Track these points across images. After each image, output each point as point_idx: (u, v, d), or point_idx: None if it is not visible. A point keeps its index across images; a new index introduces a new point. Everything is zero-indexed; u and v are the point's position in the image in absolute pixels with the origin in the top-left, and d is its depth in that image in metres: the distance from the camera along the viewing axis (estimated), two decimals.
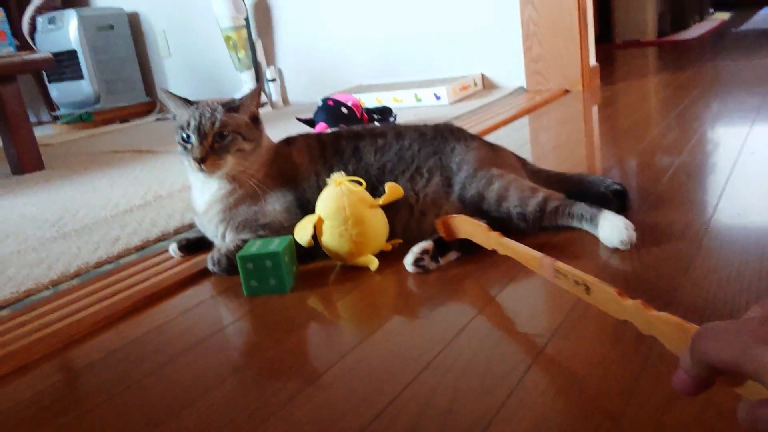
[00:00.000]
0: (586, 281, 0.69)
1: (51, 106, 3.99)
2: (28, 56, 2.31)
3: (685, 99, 2.08)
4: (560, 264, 0.75)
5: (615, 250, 0.98)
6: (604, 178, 1.22)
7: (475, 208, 1.09)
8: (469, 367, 0.72)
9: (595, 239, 1.02)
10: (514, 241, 0.87)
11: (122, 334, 0.94)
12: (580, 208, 1.05)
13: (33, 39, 3.70)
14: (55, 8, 3.74)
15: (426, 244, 1.02)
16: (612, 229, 0.99)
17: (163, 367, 0.82)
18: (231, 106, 1.10)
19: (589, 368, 0.69)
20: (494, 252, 0.95)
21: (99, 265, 1.20)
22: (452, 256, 1.03)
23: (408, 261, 1.01)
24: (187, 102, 1.12)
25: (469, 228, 0.99)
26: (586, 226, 1.04)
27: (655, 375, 0.65)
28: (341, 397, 0.70)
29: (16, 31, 3.57)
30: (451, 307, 0.88)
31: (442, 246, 1.03)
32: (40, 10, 3.70)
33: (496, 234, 0.92)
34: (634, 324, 0.62)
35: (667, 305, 0.79)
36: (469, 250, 1.04)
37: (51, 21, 3.57)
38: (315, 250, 1.07)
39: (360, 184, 1.05)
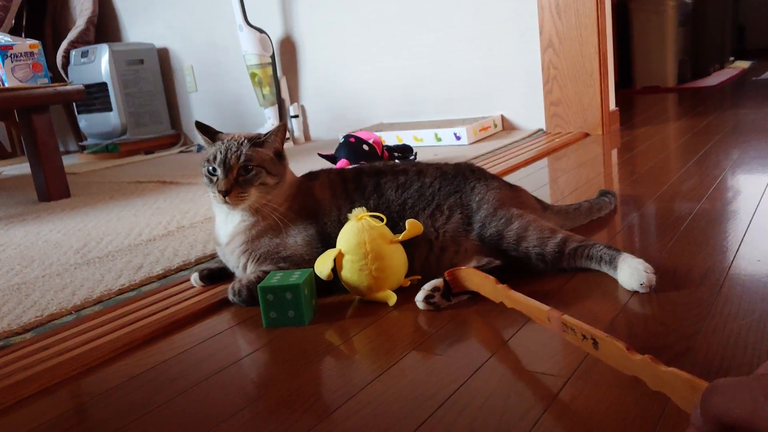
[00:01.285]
0: (595, 336, 0.68)
1: (79, 136, 4.09)
2: (61, 87, 2.38)
3: (705, 145, 2.08)
4: (568, 318, 0.75)
5: (634, 293, 0.98)
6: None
7: (494, 247, 1.10)
8: (485, 406, 0.72)
9: (614, 281, 1.02)
10: (522, 295, 0.88)
11: (142, 362, 0.95)
12: (599, 250, 1.05)
13: (66, 71, 3.82)
14: (89, 42, 3.88)
15: (437, 281, 1.03)
16: (631, 271, 0.99)
17: (181, 395, 0.83)
18: (256, 141, 1.12)
19: (607, 413, 0.68)
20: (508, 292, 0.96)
21: (121, 292, 1.22)
22: (464, 296, 1.03)
23: (419, 298, 1.02)
24: (215, 134, 1.16)
25: (476, 280, 0.99)
26: (605, 269, 1.04)
27: (675, 421, 0.65)
28: None
29: (50, 64, 3.69)
30: (468, 344, 0.88)
31: None
32: (74, 44, 3.83)
33: (503, 287, 0.92)
34: (644, 380, 0.61)
35: (687, 351, 0.79)
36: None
37: (84, 54, 3.70)
38: (334, 283, 1.08)
39: (381, 219, 1.07)
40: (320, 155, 2.14)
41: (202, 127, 1.16)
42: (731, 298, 0.92)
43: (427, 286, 1.02)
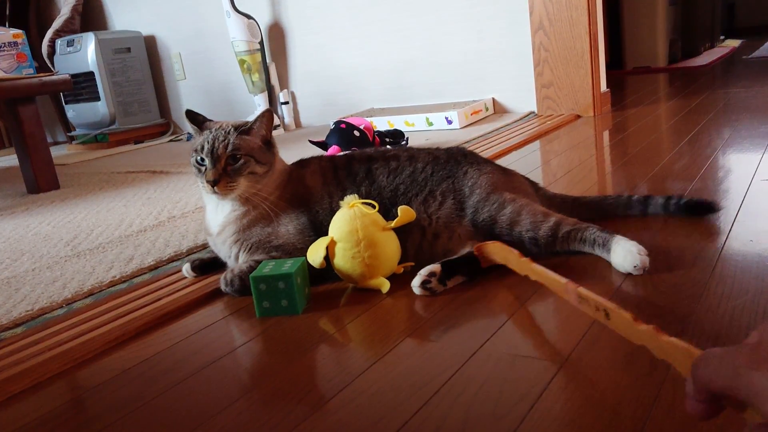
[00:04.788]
0: (606, 307, 0.72)
1: (67, 126, 4.05)
2: (47, 78, 2.35)
3: (696, 125, 2.08)
4: (583, 290, 0.79)
5: (627, 276, 0.98)
6: (622, 196, 1.24)
7: (487, 232, 1.10)
8: (481, 392, 0.72)
9: (608, 264, 1.02)
10: (543, 268, 0.91)
11: (134, 354, 0.94)
12: (593, 233, 1.05)
13: (52, 61, 3.77)
14: (74, 31, 3.83)
15: (434, 266, 1.02)
16: (625, 254, 0.99)
17: (174, 387, 0.83)
18: (243, 129, 1.11)
19: (603, 394, 0.68)
20: (503, 277, 0.96)
21: (113, 284, 1.21)
22: (459, 279, 1.03)
23: (415, 283, 1.01)
24: (204, 122, 1.14)
25: (503, 254, 1.02)
26: (598, 252, 1.04)
27: (670, 402, 0.65)
28: (350, 422, 0.70)
29: (35, 53, 3.64)
30: (463, 331, 0.88)
31: (449, 269, 1.03)
32: (59, 33, 3.78)
33: (527, 260, 0.95)
34: (649, 349, 0.63)
35: (681, 332, 0.79)
36: (476, 274, 1.04)
37: (70, 43, 3.65)
38: (327, 271, 1.07)
39: (373, 206, 1.06)
40: (311, 142, 2.13)
41: (190, 116, 1.15)
42: (724, 279, 0.92)
43: (424, 272, 1.02)
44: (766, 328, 0.41)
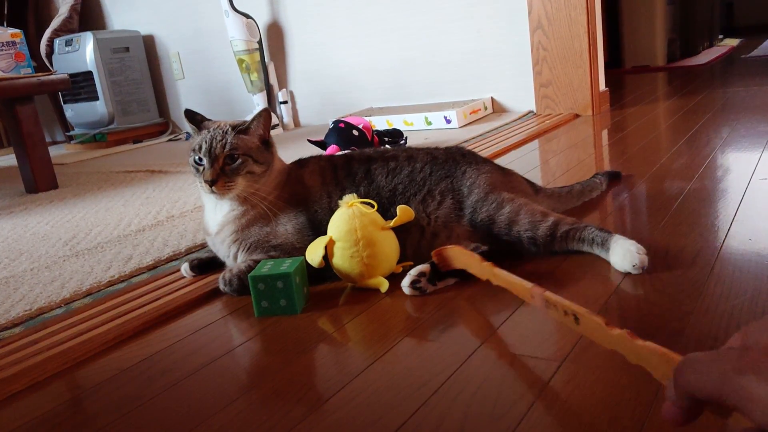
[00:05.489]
0: (575, 311, 0.69)
1: (66, 126, 4.05)
2: (45, 77, 2.35)
3: (695, 124, 2.08)
4: (550, 294, 0.75)
5: (626, 275, 0.98)
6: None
7: (486, 232, 1.09)
8: (479, 392, 0.72)
9: (607, 263, 1.02)
10: (506, 272, 0.88)
11: (133, 354, 0.94)
12: (591, 232, 1.05)
13: (50, 60, 3.77)
14: (73, 31, 3.82)
15: (423, 266, 1.02)
16: (624, 253, 0.98)
17: (173, 387, 0.83)
18: (241, 128, 1.11)
19: (601, 395, 0.68)
20: None
21: (111, 284, 1.21)
22: (450, 281, 1.03)
23: (405, 283, 1.01)
24: (203, 121, 1.14)
25: (463, 259, 0.99)
26: (597, 251, 1.04)
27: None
28: (349, 422, 0.69)
29: (34, 53, 3.64)
30: (461, 330, 0.88)
31: (439, 270, 1.03)
32: (57, 33, 3.77)
33: (488, 264, 0.92)
34: (623, 354, 0.62)
35: (679, 332, 0.79)
36: (468, 275, 1.04)
37: (68, 43, 3.64)
38: (326, 271, 1.07)
39: (371, 206, 1.06)
40: (310, 141, 2.12)
41: (189, 115, 1.15)
42: (723, 278, 0.92)
43: (413, 272, 1.02)
44: (749, 331, 0.41)
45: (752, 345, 0.39)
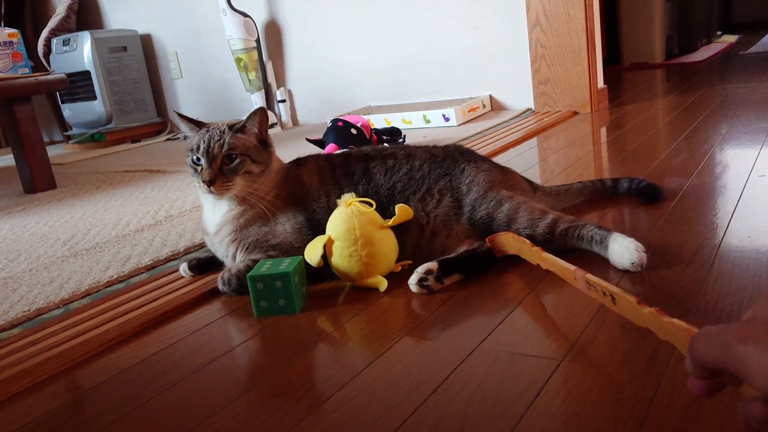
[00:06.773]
0: (612, 292, 0.75)
1: (63, 126, 4.04)
2: (42, 77, 2.34)
3: (693, 121, 2.08)
4: (591, 276, 0.82)
5: (625, 272, 0.98)
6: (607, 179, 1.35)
7: (485, 230, 1.09)
8: (479, 390, 0.72)
9: (606, 261, 1.02)
10: (553, 257, 0.94)
11: (132, 354, 0.94)
12: (590, 230, 1.04)
13: (48, 60, 3.76)
14: (70, 30, 3.81)
15: (431, 264, 1.02)
16: (622, 251, 0.98)
17: (172, 387, 0.82)
18: (238, 128, 1.11)
19: (602, 392, 0.68)
20: (501, 275, 0.95)
21: (110, 284, 1.21)
22: (456, 277, 1.03)
23: (412, 281, 1.01)
24: (198, 124, 1.14)
25: (515, 245, 1.04)
26: (596, 248, 1.04)
27: (668, 399, 0.65)
28: (349, 421, 0.69)
29: (31, 53, 3.63)
30: (461, 329, 0.88)
31: (446, 267, 1.03)
32: (55, 32, 3.77)
33: (537, 250, 0.97)
34: (653, 330, 0.66)
35: None
36: (473, 272, 1.04)
37: (65, 42, 3.64)
38: (325, 270, 1.07)
39: (370, 205, 1.06)
40: (308, 140, 2.12)
41: (182, 117, 1.14)
42: (722, 276, 0.92)
43: (421, 269, 1.02)
44: (760, 305, 0.43)
45: (755, 317, 0.42)
